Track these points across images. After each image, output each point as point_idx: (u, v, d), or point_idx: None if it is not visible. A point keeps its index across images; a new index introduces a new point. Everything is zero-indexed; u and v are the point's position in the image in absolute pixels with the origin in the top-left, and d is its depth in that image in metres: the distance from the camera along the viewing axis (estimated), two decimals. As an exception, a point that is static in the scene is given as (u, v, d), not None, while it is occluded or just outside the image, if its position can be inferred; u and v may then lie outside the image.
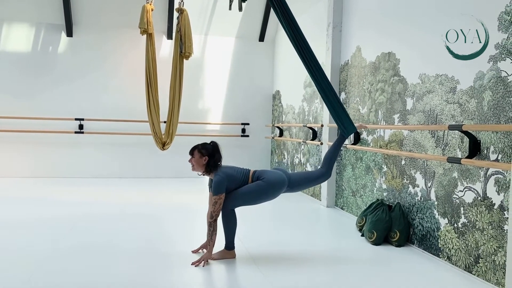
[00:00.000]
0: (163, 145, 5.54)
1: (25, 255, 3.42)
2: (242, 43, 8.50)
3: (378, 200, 4.41)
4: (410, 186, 4.07)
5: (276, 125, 8.07)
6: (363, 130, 4.89)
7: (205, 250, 3.50)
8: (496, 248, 3.02)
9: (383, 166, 4.56)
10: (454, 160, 3.29)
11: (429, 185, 3.80)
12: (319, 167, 3.76)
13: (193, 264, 3.28)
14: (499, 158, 3.02)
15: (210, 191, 3.46)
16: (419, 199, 3.92)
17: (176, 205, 5.68)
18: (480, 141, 3.19)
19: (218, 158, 3.42)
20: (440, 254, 3.61)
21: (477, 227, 3.21)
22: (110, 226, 4.44)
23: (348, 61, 5.42)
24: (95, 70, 7.83)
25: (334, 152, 3.71)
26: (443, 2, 3.67)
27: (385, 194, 4.51)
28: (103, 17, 7.73)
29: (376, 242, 3.98)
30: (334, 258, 3.62)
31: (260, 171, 3.48)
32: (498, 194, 3.02)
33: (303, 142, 6.59)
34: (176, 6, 5.51)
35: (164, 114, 5.62)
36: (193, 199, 5.97)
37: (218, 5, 7.81)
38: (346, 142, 4.90)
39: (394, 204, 4.21)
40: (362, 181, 5.00)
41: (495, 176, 3.06)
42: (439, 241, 3.62)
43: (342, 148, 4.81)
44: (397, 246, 3.94)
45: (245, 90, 8.53)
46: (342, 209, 5.53)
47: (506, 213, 2.94)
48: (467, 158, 3.20)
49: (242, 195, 3.37)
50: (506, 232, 2.92)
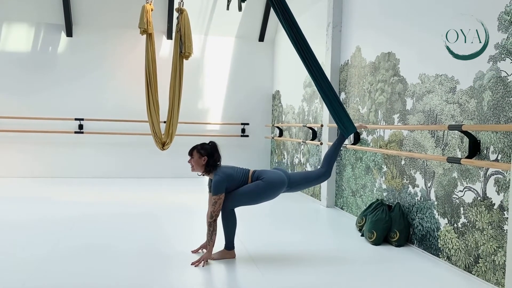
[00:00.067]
0: (163, 145, 5.54)
1: (23, 256, 3.41)
2: (242, 43, 8.50)
3: (378, 200, 4.41)
4: (410, 186, 4.07)
5: (276, 125, 8.07)
6: (363, 130, 4.89)
7: (204, 250, 3.50)
8: (496, 248, 3.02)
9: (383, 166, 4.56)
10: (454, 160, 3.29)
11: (429, 185, 3.79)
12: (319, 167, 3.76)
13: (192, 264, 3.28)
14: (499, 158, 3.02)
15: (210, 191, 3.46)
16: (419, 199, 3.92)
17: (176, 205, 5.67)
18: (480, 141, 3.19)
19: (217, 158, 3.42)
20: (440, 254, 3.61)
21: (477, 227, 3.21)
22: (110, 226, 4.44)
23: (348, 61, 5.42)
24: (95, 70, 7.83)
25: (334, 152, 3.71)
26: (443, 2, 3.67)
27: (385, 194, 4.50)
28: (103, 17, 7.73)
29: (376, 242, 3.98)
30: (334, 258, 3.62)
31: (259, 171, 3.48)
32: (498, 194, 3.02)
33: (303, 142, 6.59)
34: (176, 6, 5.51)
35: (164, 114, 5.62)
36: (193, 199, 5.97)
37: (218, 5, 7.80)
38: (346, 142, 4.90)
39: (394, 204, 4.20)
40: (362, 181, 5.00)
41: (495, 176, 3.06)
42: (439, 241, 3.61)
43: (342, 148, 4.81)
44: (397, 246, 3.94)
45: (245, 90, 8.53)
46: (342, 209, 5.53)
47: (506, 213, 2.94)
48: (467, 158, 3.20)
49: (241, 195, 3.37)
50: (506, 232, 2.92)
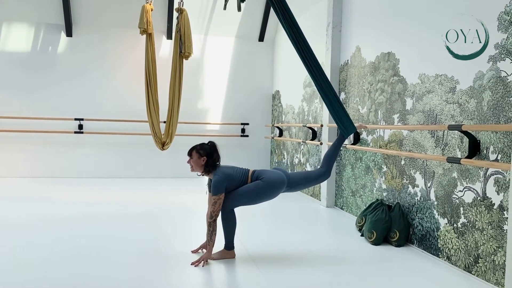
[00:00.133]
0: (163, 145, 5.54)
1: (23, 256, 3.41)
2: (242, 43, 8.49)
3: (377, 200, 4.41)
4: (409, 186, 4.07)
5: (275, 125, 8.07)
6: (363, 130, 4.89)
7: (204, 250, 3.50)
8: (495, 248, 3.02)
9: (383, 166, 4.55)
10: (453, 160, 3.29)
11: (428, 185, 3.79)
12: (319, 167, 3.76)
13: (192, 264, 3.28)
14: (499, 158, 3.01)
15: (210, 191, 3.46)
16: (419, 199, 3.92)
17: (175, 205, 5.67)
18: (479, 141, 3.19)
19: (216, 158, 3.42)
20: (439, 254, 3.61)
21: (476, 227, 3.21)
22: (110, 226, 4.44)
23: (347, 61, 5.42)
24: (95, 70, 7.83)
25: (334, 152, 3.71)
26: (443, 2, 3.66)
27: (384, 194, 4.50)
28: (103, 17, 7.73)
29: (375, 242, 3.98)
30: (334, 258, 3.62)
31: (259, 171, 3.48)
32: (498, 194, 3.02)
33: (303, 142, 6.59)
34: (175, 6, 5.51)
35: (163, 114, 5.62)
36: (192, 199, 5.97)
37: (218, 5, 7.80)
38: (346, 142, 4.90)
39: (393, 204, 4.20)
40: (362, 181, 5.00)
41: (495, 176, 3.05)
42: (439, 241, 3.61)
43: (341, 148, 4.81)
44: (396, 246, 3.94)
45: (244, 90, 8.53)
46: (341, 209, 5.53)
47: (505, 213, 2.94)
48: (467, 158, 3.20)
49: (241, 195, 3.37)
50: (505, 232, 2.92)
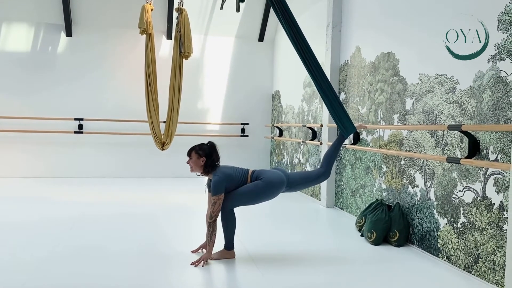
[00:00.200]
0: (163, 145, 5.54)
1: (23, 256, 3.41)
2: (241, 43, 8.49)
3: (377, 200, 4.40)
4: (409, 186, 4.07)
5: (275, 125, 8.07)
6: (363, 130, 4.89)
7: (204, 250, 3.50)
8: (495, 248, 3.02)
9: (383, 166, 4.55)
10: (453, 160, 3.29)
11: (428, 185, 3.79)
12: (318, 167, 3.76)
13: (192, 264, 3.28)
14: (499, 158, 3.01)
15: (209, 192, 3.46)
16: (419, 199, 3.92)
17: (175, 205, 5.67)
18: (479, 141, 3.19)
19: (216, 158, 3.41)
20: (439, 254, 3.61)
21: (476, 227, 3.21)
22: (110, 226, 4.44)
23: (347, 61, 5.42)
24: (95, 70, 7.83)
25: (334, 152, 3.71)
26: (443, 2, 3.66)
27: (384, 194, 4.50)
28: (103, 17, 7.73)
29: (375, 242, 3.98)
30: (334, 258, 3.62)
31: (259, 171, 3.48)
32: (498, 194, 3.02)
33: (303, 142, 6.59)
34: (175, 6, 5.51)
35: (163, 114, 5.62)
36: (192, 199, 5.96)
37: (218, 5, 7.79)
38: (346, 142, 4.89)
39: (393, 204, 4.20)
40: (362, 181, 5.00)
41: (495, 176, 3.05)
42: (439, 241, 3.61)
43: (341, 148, 4.81)
44: (396, 246, 3.94)
45: (244, 90, 8.53)
46: (341, 209, 5.53)
47: (505, 213, 2.94)
48: (467, 158, 3.20)
49: (241, 195, 3.37)
50: (505, 232, 2.92)
